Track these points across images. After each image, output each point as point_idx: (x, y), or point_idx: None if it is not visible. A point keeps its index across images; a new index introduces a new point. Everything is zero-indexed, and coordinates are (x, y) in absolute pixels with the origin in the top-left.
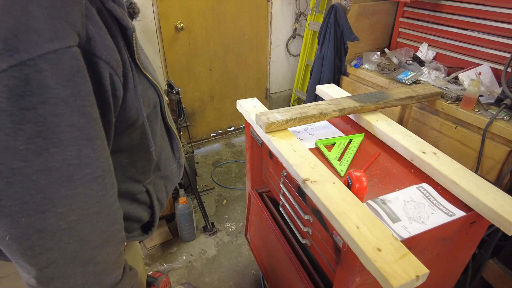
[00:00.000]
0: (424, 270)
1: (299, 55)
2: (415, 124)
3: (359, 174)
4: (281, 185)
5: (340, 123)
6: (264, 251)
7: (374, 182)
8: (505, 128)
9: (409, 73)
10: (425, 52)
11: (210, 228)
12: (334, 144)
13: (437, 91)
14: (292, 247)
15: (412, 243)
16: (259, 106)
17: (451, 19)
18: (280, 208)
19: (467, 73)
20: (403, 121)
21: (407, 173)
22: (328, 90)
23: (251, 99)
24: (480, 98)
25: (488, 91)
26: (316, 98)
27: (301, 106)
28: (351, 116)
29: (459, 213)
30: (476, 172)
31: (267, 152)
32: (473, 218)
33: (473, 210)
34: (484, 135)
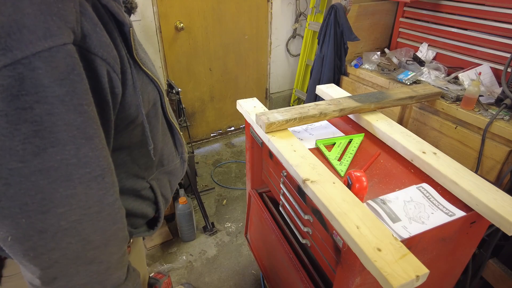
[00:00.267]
0: (424, 270)
1: (299, 55)
2: (415, 124)
3: (359, 174)
4: (281, 185)
5: (340, 123)
6: (264, 251)
7: (374, 182)
8: (505, 128)
9: (409, 73)
10: (425, 52)
11: (210, 228)
12: (334, 144)
13: (437, 91)
14: (292, 247)
15: (412, 243)
16: (259, 106)
17: (451, 19)
18: (280, 208)
19: (467, 73)
20: (403, 121)
21: (407, 173)
22: (328, 90)
23: (251, 99)
24: (480, 98)
25: (488, 91)
26: (316, 98)
27: (301, 106)
28: (351, 116)
29: (459, 213)
30: (476, 172)
31: (267, 152)
32: (473, 218)
33: (473, 210)
34: (484, 135)
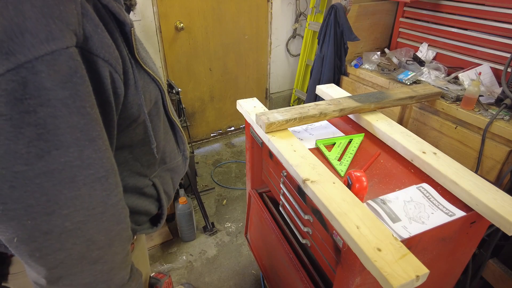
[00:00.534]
0: (424, 270)
1: (299, 55)
2: (415, 124)
3: (359, 174)
4: (281, 185)
5: (340, 123)
6: (264, 251)
7: (374, 182)
8: (505, 128)
9: (409, 73)
10: (425, 52)
11: (210, 228)
12: (334, 144)
13: (437, 91)
14: (292, 247)
15: (412, 243)
16: (259, 106)
17: (451, 19)
18: (280, 208)
19: (467, 73)
20: (403, 121)
21: (407, 173)
22: (328, 90)
23: (251, 99)
24: (480, 98)
25: (488, 91)
26: (316, 98)
27: (301, 106)
28: (351, 116)
29: (459, 213)
30: (476, 172)
31: (267, 152)
32: (473, 218)
33: (473, 210)
34: (484, 135)
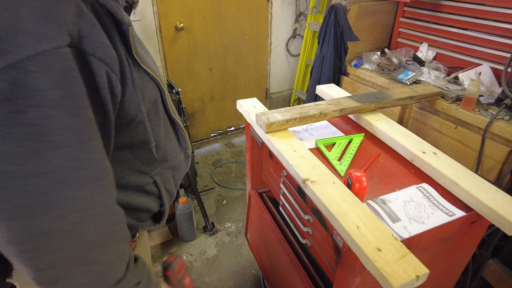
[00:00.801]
0: (424, 270)
1: (299, 55)
2: (415, 124)
3: (359, 174)
4: (281, 185)
5: (340, 123)
6: (264, 251)
7: (374, 182)
8: (505, 128)
9: (409, 73)
10: (425, 52)
11: (210, 228)
12: (334, 144)
13: (437, 91)
14: (292, 247)
15: (412, 243)
16: (259, 106)
17: (451, 19)
18: (280, 208)
19: (467, 73)
20: (403, 121)
21: (407, 173)
22: (328, 90)
23: (251, 99)
24: (480, 98)
25: (488, 91)
26: (316, 98)
27: (301, 106)
28: (351, 116)
29: (459, 213)
30: (476, 172)
31: (267, 152)
32: (473, 218)
33: (473, 210)
34: (484, 135)
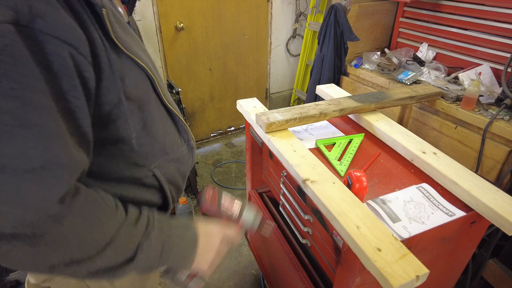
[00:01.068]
0: (424, 270)
1: (299, 55)
2: (415, 124)
3: (359, 174)
4: (281, 185)
5: (340, 123)
6: (264, 251)
7: (374, 182)
8: (505, 128)
9: (409, 73)
10: (425, 52)
11: None
12: (334, 144)
13: (437, 91)
14: (292, 247)
15: (412, 243)
16: (259, 106)
17: (451, 19)
18: (280, 208)
19: (467, 73)
20: (403, 121)
21: (407, 173)
22: (328, 90)
23: (251, 99)
24: (480, 98)
25: (488, 91)
26: (316, 98)
27: (301, 106)
28: (351, 116)
29: (459, 213)
30: (476, 172)
31: (267, 152)
32: (473, 218)
33: (473, 210)
34: (484, 135)
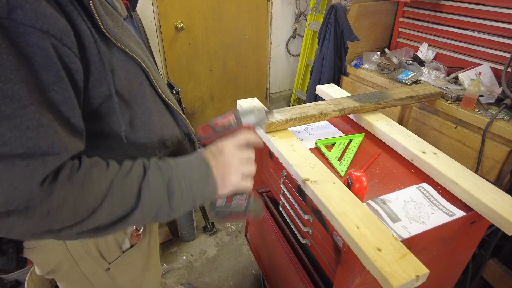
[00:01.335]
0: (424, 270)
1: (299, 55)
2: (415, 124)
3: (359, 174)
4: (281, 185)
5: (340, 123)
6: (264, 251)
7: (374, 182)
8: (505, 128)
9: (409, 73)
10: (425, 52)
11: (210, 228)
12: (334, 144)
13: (437, 91)
14: (292, 247)
15: (412, 243)
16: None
17: (451, 19)
18: (280, 208)
19: (467, 73)
20: (403, 121)
21: (407, 173)
22: (328, 90)
23: (251, 99)
24: (480, 98)
25: (488, 91)
26: (316, 98)
27: (301, 106)
28: (351, 116)
29: (459, 213)
30: (476, 172)
31: (267, 152)
32: (473, 218)
33: (473, 210)
34: (484, 135)
